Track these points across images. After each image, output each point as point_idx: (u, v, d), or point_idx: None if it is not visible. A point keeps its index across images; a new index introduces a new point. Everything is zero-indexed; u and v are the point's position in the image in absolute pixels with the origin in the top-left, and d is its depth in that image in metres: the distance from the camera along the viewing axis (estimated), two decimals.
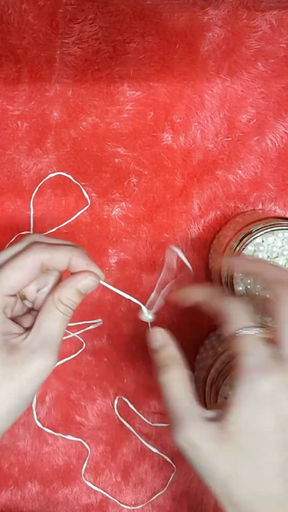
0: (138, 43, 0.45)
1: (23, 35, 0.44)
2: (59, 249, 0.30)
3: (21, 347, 0.29)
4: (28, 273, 0.29)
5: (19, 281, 0.29)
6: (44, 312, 0.30)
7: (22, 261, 0.29)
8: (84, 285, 0.30)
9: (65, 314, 0.30)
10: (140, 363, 0.50)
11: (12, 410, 0.28)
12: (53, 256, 0.29)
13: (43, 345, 0.29)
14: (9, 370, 0.28)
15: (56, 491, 0.51)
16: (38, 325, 0.29)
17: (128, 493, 0.51)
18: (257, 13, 0.45)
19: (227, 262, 0.40)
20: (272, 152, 0.47)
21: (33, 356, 0.28)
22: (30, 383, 0.28)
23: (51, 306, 0.29)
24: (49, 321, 0.29)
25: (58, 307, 0.29)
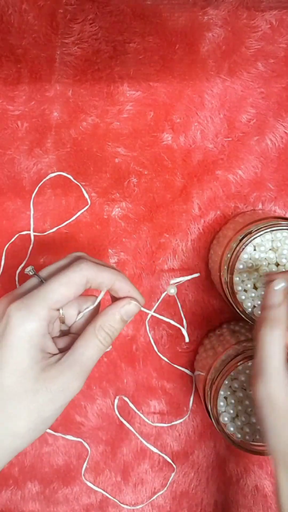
0: (138, 43, 0.45)
1: (23, 35, 0.44)
2: (105, 269, 0.31)
3: (52, 367, 0.29)
4: (74, 288, 0.29)
5: (65, 296, 0.29)
6: (82, 338, 0.30)
7: (70, 276, 0.29)
8: (127, 311, 0.31)
9: (103, 344, 0.30)
10: (140, 363, 0.50)
11: (31, 427, 0.29)
12: (99, 275, 0.30)
13: (72, 368, 0.29)
14: (36, 386, 0.28)
15: (56, 491, 0.51)
16: (74, 349, 0.30)
17: (128, 493, 0.51)
18: (257, 13, 0.45)
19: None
20: (272, 152, 0.47)
21: (61, 377, 0.29)
22: (53, 403, 0.29)
23: (91, 334, 0.30)
24: (85, 347, 0.30)
25: (98, 335, 0.30)
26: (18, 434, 0.28)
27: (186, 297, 0.49)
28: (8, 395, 0.28)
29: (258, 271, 0.42)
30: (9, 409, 0.28)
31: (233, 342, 0.43)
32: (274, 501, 0.51)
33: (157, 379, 0.50)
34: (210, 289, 0.49)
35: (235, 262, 0.40)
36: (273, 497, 0.51)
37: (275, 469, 0.32)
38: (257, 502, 0.51)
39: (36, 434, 0.29)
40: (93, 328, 0.30)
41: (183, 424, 0.50)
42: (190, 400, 0.50)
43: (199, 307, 0.49)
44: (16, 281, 0.48)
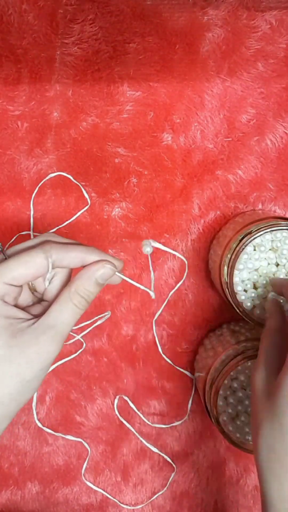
0: (138, 43, 0.45)
1: (23, 35, 0.44)
2: (72, 249, 0.30)
3: (25, 332, 0.29)
4: (33, 269, 0.29)
5: (23, 275, 0.29)
6: (57, 303, 0.30)
7: (30, 256, 0.29)
8: (102, 274, 0.30)
9: (78, 307, 0.30)
10: (140, 363, 0.50)
11: (13, 393, 0.28)
12: (65, 257, 0.30)
13: (47, 332, 0.29)
14: (9, 352, 0.28)
15: (56, 491, 0.51)
16: (48, 314, 0.29)
17: (128, 493, 0.51)
18: (257, 13, 0.45)
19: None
20: (272, 152, 0.48)
21: (35, 341, 0.28)
22: (30, 367, 0.28)
23: (66, 298, 0.30)
24: (59, 311, 0.29)
25: (73, 298, 0.29)
26: (2, 401, 0.28)
27: (186, 297, 0.49)
28: None
29: (258, 271, 0.42)
30: None
31: (233, 342, 0.43)
32: None
33: (157, 379, 0.50)
34: (210, 289, 0.49)
35: (235, 262, 0.40)
36: None
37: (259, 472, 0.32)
38: (257, 502, 0.51)
39: (21, 399, 0.29)
40: (68, 292, 0.30)
41: (183, 424, 0.50)
42: (190, 400, 0.50)
43: (199, 307, 0.49)
44: None
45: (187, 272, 0.49)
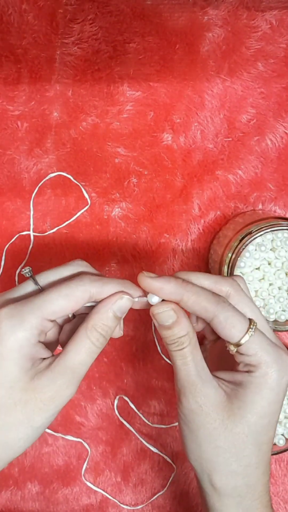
0: (138, 43, 0.45)
1: (23, 35, 0.44)
2: (108, 283, 0.29)
3: (43, 374, 0.28)
4: (74, 303, 0.28)
5: (63, 308, 0.28)
6: (73, 341, 0.28)
7: (72, 289, 0.28)
8: (120, 307, 0.29)
9: (95, 345, 0.29)
10: (140, 363, 0.50)
11: (21, 438, 0.28)
12: (103, 292, 0.29)
13: (64, 375, 0.28)
14: (25, 397, 0.27)
15: (56, 491, 0.51)
16: (64, 354, 0.28)
17: (128, 493, 0.51)
18: (257, 13, 0.45)
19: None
20: (272, 152, 0.47)
21: (52, 386, 0.28)
22: (43, 412, 0.28)
23: (83, 336, 0.28)
24: (76, 352, 0.28)
25: (90, 336, 0.28)
26: (9, 445, 0.28)
27: None
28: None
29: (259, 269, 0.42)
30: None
31: None
32: (274, 501, 0.51)
33: (157, 379, 0.50)
34: None
35: (236, 261, 0.40)
36: (272, 496, 0.51)
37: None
38: None
39: (27, 444, 0.29)
40: (85, 329, 0.28)
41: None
42: None
43: None
44: (16, 281, 0.48)
45: None
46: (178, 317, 0.29)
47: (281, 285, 0.43)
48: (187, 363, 0.29)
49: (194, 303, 0.29)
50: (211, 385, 0.30)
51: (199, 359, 0.30)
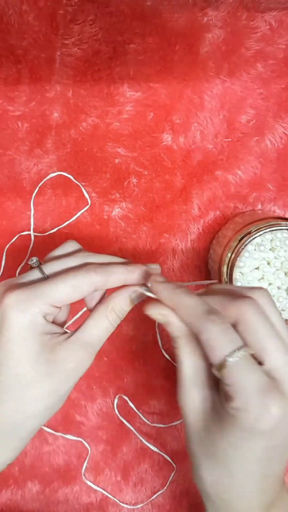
0: (138, 44, 0.45)
1: (23, 36, 0.44)
2: (113, 272, 0.30)
3: (63, 347, 0.30)
4: (78, 293, 0.30)
5: (70, 297, 0.29)
6: (92, 319, 0.31)
7: (78, 280, 0.29)
8: (137, 296, 0.31)
9: (112, 325, 0.31)
10: (140, 363, 0.50)
11: (49, 406, 0.30)
12: (108, 280, 0.30)
13: (84, 348, 0.30)
14: (50, 369, 0.29)
15: (56, 490, 0.51)
16: (83, 329, 0.31)
17: (128, 492, 0.51)
18: (257, 14, 0.45)
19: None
20: (272, 152, 0.48)
21: (72, 357, 0.30)
22: (67, 382, 0.30)
23: (102, 315, 0.31)
24: (96, 328, 0.31)
25: (108, 316, 0.31)
26: (38, 415, 0.30)
27: None
28: (24, 383, 0.29)
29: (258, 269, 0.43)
30: (27, 396, 0.29)
31: None
32: None
33: (157, 379, 0.50)
34: None
35: (235, 262, 0.40)
36: None
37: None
38: None
39: (53, 411, 0.30)
40: (105, 309, 0.31)
41: (183, 423, 0.50)
42: None
43: None
44: None
45: None
46: (168, 321, 0.29)
47: (280, 285, 0.43)
48: (181, 362, 0.29)
49: (182, 315, 0.28)
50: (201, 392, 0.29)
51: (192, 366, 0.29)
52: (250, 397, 0.25)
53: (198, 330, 0.27)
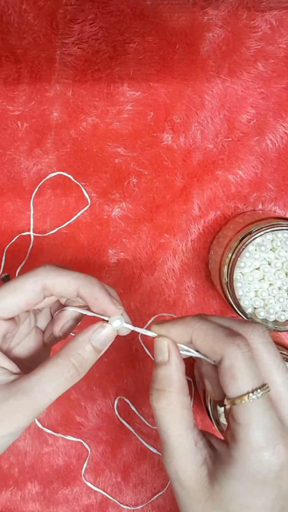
0: (138, 43, 0.45)
1: (23, 35, 0.44)
2: (66, 274, 0.26)
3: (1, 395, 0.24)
4: (24, 296, 0.26)
5: (14, 303, 0.26)
6: (42, 366, 0.25)
7: (21, 282, 0.26)
8: (99, 338, 0.26)
9: (64, 376, 0.25)
10: (140, 363, 0.50)
11: None
12: (58, 281, 0.26)
13: (19, 398, 0.24)
14: None
15: (56, 491, 0.51)
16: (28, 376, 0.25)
17: (128, 494, 0.51)
18: (257, 13, 0.45)
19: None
20: (272, 152, 0.47)
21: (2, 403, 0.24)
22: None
23: (52, 362, 0.25)
24: (40, 377, 0.25)
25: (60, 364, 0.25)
26: None
27: (186, 297, 0.49)
28: None
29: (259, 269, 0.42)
30: None
31: None
32: None
33: None
34: (210, 290, 0.49)
35: (236, 261, 0.40)
36: None
37: None
38: None
39: None
40: (57, 356, 0.25)
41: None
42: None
43: (199, 308, 0.49)
44: None
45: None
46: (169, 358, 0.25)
47: (281, 285, 0.43)
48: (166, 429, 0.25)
49: (201, 341, 0.25)
50: (193, 460, 0.24)
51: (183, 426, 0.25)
52: (261, 441, 0.23)
53: (220, 356, 0.24)
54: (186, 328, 0.25)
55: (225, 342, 0.24)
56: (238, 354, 0.23)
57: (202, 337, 0.25)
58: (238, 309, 0.41)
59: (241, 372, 0.23)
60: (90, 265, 0.48)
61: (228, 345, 0.24)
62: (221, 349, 0.24)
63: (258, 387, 0.23)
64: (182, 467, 0.24)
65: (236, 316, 0.49)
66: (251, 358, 0.24)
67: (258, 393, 0.23)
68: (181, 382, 0.26)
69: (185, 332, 0.25)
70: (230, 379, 0.23)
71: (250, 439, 0.23)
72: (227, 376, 0.23)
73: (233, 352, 0.23)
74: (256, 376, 0.23)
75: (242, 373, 0.23)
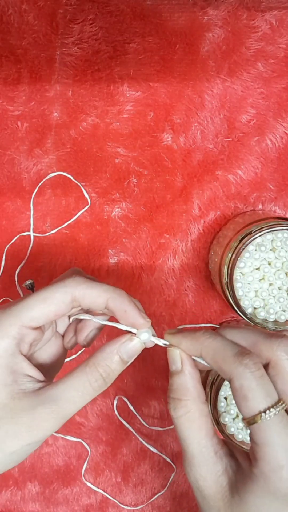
0: (138, 43, 0.45)
1: (23, 35, 0.44)
2: (96, 286, 0.27)
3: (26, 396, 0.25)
4: (54, 306, 0.26)
5: (44, 314, 0.26)
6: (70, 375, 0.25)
7: (49, 292, 0.26)
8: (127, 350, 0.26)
9: (92, 386, 0.25)
10: (140, 363, 0.50)
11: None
12: (87, 293, 0.26)
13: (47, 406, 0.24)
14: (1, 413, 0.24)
15: (56, 491, 0.51)
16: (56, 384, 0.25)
17: (128, 494, 0.51)
18: (257, 13, 0.45)
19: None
20: (272, 152, 0.47)
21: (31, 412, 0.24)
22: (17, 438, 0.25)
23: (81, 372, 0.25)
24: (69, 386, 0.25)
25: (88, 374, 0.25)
26: None
27: (186, 297, 0.49)
28: None
29: (259, 270, 0.42)
30: None
31: None
32: None
33: (157, 379, 0.50)
34: (210, 290, 0.49)
35: (236, 262, 0.40)
36: None
37: None
38: None
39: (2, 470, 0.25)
40: (85, 365, 0.25)
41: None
42: None
43: (199, 308, 0.49)
44: (15, 281, 0.48)
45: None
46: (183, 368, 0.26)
47: (281, 285, 0.43)
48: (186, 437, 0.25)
49: (211, 360, 0.25)
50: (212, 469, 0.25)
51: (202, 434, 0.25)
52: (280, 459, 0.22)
53: (229, 376, 0.24)
54: (195, 344, 0.25)
55: (233, 362, 0.24)
56: (247, 374, 0.23)
57: (211, 355, 0.25)
58: (238, 309, 0.41)
59: (251, 392, 0.23)
60: (90, 265, 0.48)
61: (236, 365, 0.23)
62: (229, 369, 0.24)
63: (271, 405, 0.23)
64: (202, 475, 0.25)
65: (236, 316, 0.49)
66: (261, 376, 0.23)
67: (271, 412, 0.23)
68: (197, 390, 0.26)
69: (194, 348, 0.25)
70: (241, 400, 0.23)
71: (268, 459, 0.23)
72: (238, 397, 0.23)
73: (242, 372, 0.23)
74: (269, 395, 0.23)
75: (253, 393, 0.23)
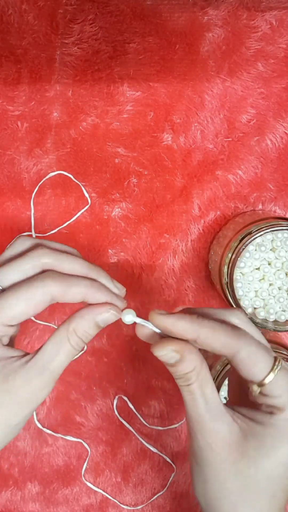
0: (138, 43, 0.45)
1: (23, 35, 0.44)
2: (74, 284, 0.28)
3: (18, 373, 0.27)
4: (34, 306, 0.27)
5: (23, 313, 0.27)
6: (53, 342, 0.28)
7: (31, 292, 0.27)
8: (104, 319, 0.28)
9: (74, 348, 0.28)
10: (140, 363, 0.50)
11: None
12: (67, 293, 0.28)
13: (41, 375, 0.27)
14: (0, 398, 0.27)
15: (56, 491, 0.51)
16: (42, 353, 0.27)
17: (128, 494, 0.51)
18: (257, 13, 0.45)
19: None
20: (272, 152, 0.47)
21: (27, 385, 0.27)
22: (20, 412, 0.27)
23: (63, 337, 0.27)
24: (55, 352, 0.27)
25: (70, 339, 0.27)
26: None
27: (186, 297, 0.49)
28: None
29: (259, 270, 0.42)
30: None
31: None
32: None
33: (157, 379, 0.50)
34: (210, 290, 0.49)
35: (236, 262, 0.40)
36: None
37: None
38: None
39: (5, 441, 0.28)
40: (66, 331, 0.27)
41: (183, 424, 0.50)
42: None
43: None
44: None
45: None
46: (182, 356, 0.27)
47: (281, 285, 0.43)
48: (196, 399, 0.27)
49: (212, 339, 0.26)
50: (223, 421, 0.27)
51: (209, 393, 0.27)
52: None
53: (234, 351, 0.26)
54: (193, 325, 0.26)
55: (237, 335, 0.26)
56: (251, 341, 0.26)
57: (211, 334, 0.26)
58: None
59: (259, 355, 0.26)
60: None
61: (240, 336, 0.26)
62: (235, 342, 0.26)
63: (274, 362, 0.26)
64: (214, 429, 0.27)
65: None
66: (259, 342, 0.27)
67: (277, 366, 0.26)
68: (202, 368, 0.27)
69: (192, 330, 0.26)
70: (252, 366, 0.26)
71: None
72: (248, 365, 0.26)
73: (248, 341, 0.26)
74: (269, 353, 0.26)
75: (260, 356, 0.26)
